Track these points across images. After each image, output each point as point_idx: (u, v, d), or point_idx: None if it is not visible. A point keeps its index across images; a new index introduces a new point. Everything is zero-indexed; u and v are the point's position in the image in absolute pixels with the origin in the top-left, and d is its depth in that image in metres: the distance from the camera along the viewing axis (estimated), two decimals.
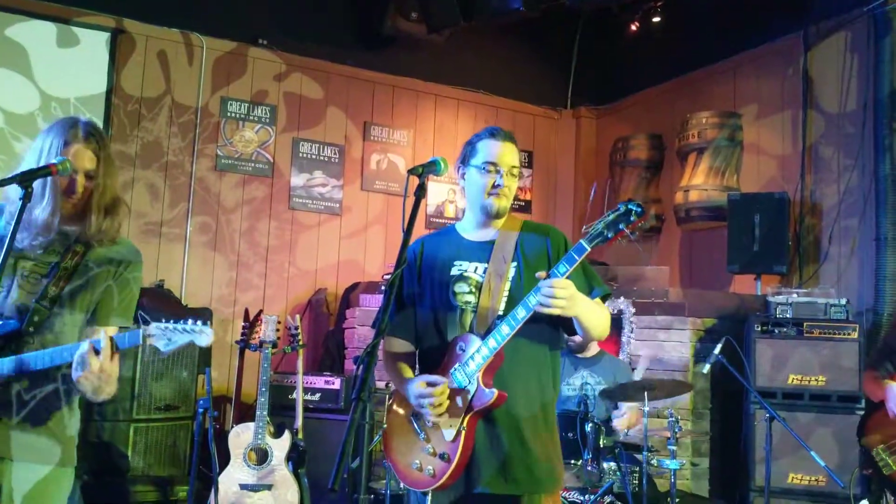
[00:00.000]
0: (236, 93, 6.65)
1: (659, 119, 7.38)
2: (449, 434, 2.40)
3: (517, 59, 7.86)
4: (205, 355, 5.40)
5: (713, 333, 5.23)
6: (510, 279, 2.52)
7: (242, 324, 5.03)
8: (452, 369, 2.45)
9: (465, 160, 2.64)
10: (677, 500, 3.91)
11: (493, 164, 2.56)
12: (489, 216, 2.60)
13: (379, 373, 4.97)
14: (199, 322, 2.24)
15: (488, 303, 2.49)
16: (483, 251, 2.59)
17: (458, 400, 2.42)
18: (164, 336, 2.21)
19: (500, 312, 2.46)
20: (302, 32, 6.88)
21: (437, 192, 7.42)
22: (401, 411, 2.57)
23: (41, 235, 2.38)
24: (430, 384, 2.41)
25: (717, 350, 4.26)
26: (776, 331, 4.93)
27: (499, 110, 7.78)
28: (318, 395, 5.30)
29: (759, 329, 4.94)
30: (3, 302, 2.39)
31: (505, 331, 2.37)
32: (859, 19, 5.76)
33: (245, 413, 5.27)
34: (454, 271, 2.58)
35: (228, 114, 6.60)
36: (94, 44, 6.08)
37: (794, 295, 5.06)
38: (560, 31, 7.79)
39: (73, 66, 6.01)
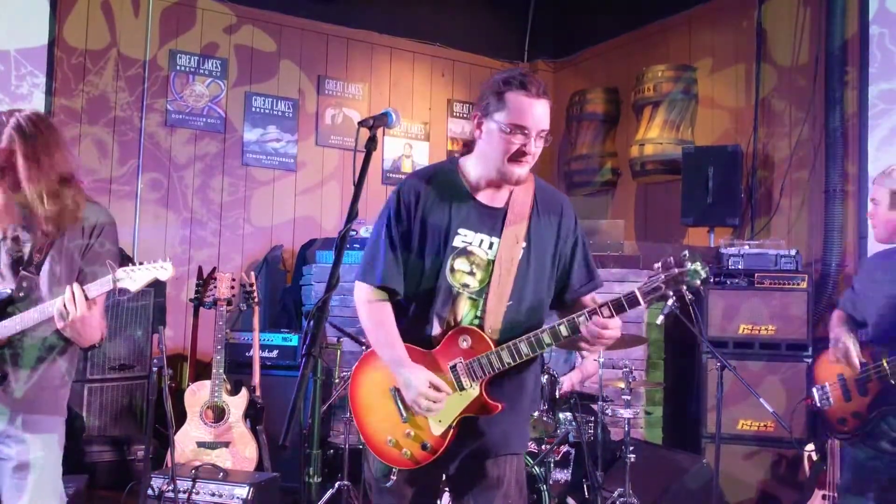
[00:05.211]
0: (185, 45, 6.46)
1: (615, 72, 7.37)
2: (437, 429, 2.29)
3: (474, 12, 7.75)
4: (159, 314, 5.34)
5: None
6: (517, 264, 2.31)
7: (196, 281, 4.97)
8: (455, 362, 2.28)
9: (486, 110, 2.25)
10: (631, 447, 3.99)
11: (522, 127, 2.21)
12: (506, 182, 2.31)
13: (331, 329, 4.97)
14: (158, 260, 2.48)
15: (497, 301, 2.29)
16: (493, 220, 2.33)
17: (456, 399, 2.28)
18: (128, 277, 2.40)
19: (506, 305, 2.30)
20: None
21: (394, 146, 7.34)
22: (381, 379, 2.36)
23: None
24: (435, 387, 2.24)
25: (670, 302, 4.30)
26: (728, 282, 5.01)
27: (455, 63, 7.69)
28: (275, 353, 5.29)
29: (712, 280, 5.02)
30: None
31: (525, 351, 2.23)
32: None
33: (202, 371, 5.23)
34: (457, 242, 2.30)
35: (178, 67, 6.42)
36: None
37: (746, 247, 5.13)
38: None
39: (12, 17, 5.76)
